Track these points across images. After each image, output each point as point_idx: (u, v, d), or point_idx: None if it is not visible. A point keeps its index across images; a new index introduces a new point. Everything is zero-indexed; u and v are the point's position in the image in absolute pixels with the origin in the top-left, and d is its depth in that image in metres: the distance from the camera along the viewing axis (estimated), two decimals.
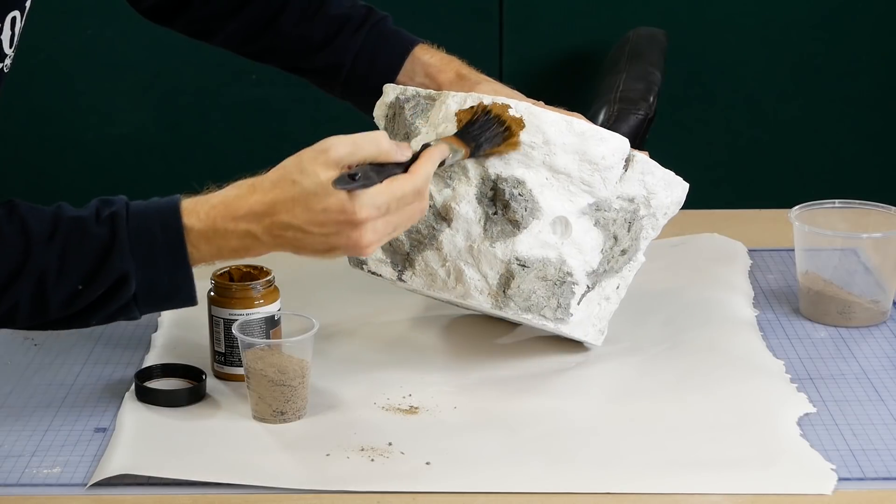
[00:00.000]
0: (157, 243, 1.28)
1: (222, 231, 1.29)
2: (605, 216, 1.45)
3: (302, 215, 1.27)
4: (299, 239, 1.29)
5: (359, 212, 1.26)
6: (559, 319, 1.44)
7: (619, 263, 1.48)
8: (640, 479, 1.27)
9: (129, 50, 3.05)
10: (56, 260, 1.27)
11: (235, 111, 3.09)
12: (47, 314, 1.29)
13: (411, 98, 1.49)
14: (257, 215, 1.28)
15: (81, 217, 1.29)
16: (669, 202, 1.49)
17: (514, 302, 1.42)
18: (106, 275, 1.28)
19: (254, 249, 1.30)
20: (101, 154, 3.11)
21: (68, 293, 1.28)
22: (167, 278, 1.29)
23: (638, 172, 1.46)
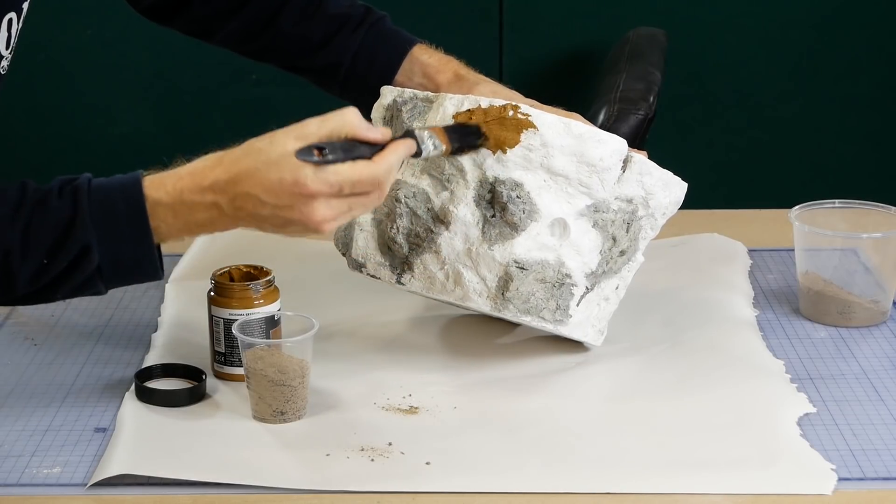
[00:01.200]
0: (119, 215, 1.29)
1: (189, 203, 1.29)
2: (604, 217, 1.45)
3: (259, 185, 1.28)
4: (258, 212, 1.29)
5: (311, 185, 1.27)
6: (558, 321, 1.44)
7: (618, 264, 1.48)
8: (640, 479, 1.27)
9: (129, 50, 3.05)
10: (19, 237, 1.28)
11: (235, 111, 3.09)
12: (14, 290, 1.30)
13: (409, 100, 1.50)
14: (222, 186, 1.29)
15: (43, 193, 1.30)
16: (668, 202, 1.49)
17: (512, 304, 1.42)
18: (69, 247, 1.28)
19: (219, 223, 1.31)
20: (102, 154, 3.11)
21: (34, 268, 1.29)
22: (130, 250, 1.30)
23: (636, 173, 1.46)
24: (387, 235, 1.45)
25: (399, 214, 1.44)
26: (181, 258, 1.76)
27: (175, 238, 1.32)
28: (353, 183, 1.28)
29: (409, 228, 1.44)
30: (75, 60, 3.06)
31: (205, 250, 1.77)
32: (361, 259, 1.47)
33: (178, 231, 1.31)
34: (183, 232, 1.31)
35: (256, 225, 1.31)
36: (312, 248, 1.78)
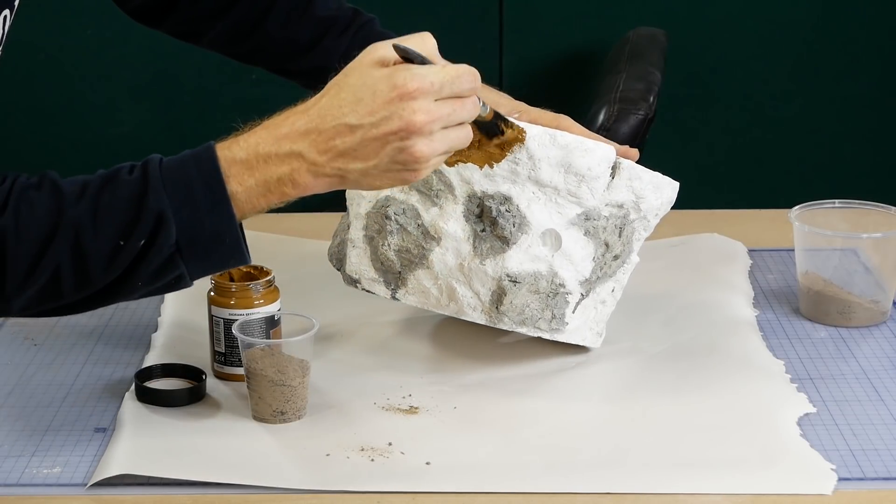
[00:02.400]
0: (192, 180, 1.20)
1: (264, 156, 1.21)
2: (595, 225, 1.44)
3: (350, 108, 1.20)
4: (349, 146, 1.20)
5: (410, 83, 1.18)
6: (554, 329, 1.43)
7: (613, 268, 1.48)
8: (640, 479, 1.27)
9: (129, 50, 3.05)
10: (90, 214, 1.21)
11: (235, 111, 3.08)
12: (90, 277, 1.21)
13: None
14: (301, 131, 1.21)
15: (113, 171, 1.23)
16: (660, 203, 1.48)
17: (507, 317, 1.42)
18: (144, 220, 1.20)
19: (301, 177, 1.21)
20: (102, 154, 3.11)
21: (108, 248, 1.20)
22: (209, 219, 1.21)
23: (625, 179, 1.45)
24: (378, 252, 1.44)
25: (389, 231, 1.43)
26: None
27: (256, 206, 1.22)
28: (453, 78, 1.19)
29: (401, 245, 1.43)
30: (75, 60, 3.06)
31: None
32: (356, 275, 1.47)
33: (257, 194, 1.22)
34: (262, 195, 1.22)
35: (346, 166, 1.21)
36: (312, 248, 1.78)
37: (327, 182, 1.23)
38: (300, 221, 1.91)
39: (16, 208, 1.22)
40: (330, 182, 1.23)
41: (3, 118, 3.07)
